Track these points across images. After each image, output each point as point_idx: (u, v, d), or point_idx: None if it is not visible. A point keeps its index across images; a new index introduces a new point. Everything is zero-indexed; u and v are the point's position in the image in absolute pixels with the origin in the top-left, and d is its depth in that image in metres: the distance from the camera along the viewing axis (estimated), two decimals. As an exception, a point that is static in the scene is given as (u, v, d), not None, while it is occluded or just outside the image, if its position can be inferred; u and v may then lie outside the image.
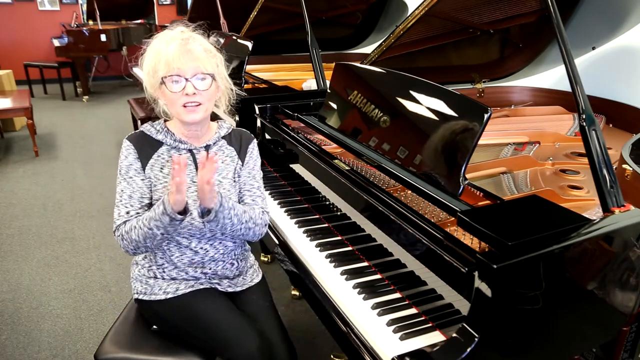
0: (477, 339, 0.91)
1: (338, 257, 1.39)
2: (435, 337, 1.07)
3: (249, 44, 2.68)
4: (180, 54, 1.22)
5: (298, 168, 1.81)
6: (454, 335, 0.94)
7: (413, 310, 1.16)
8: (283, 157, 1.92)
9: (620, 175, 1.29)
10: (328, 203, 1.60)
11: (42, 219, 3.26)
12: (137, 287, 1.40)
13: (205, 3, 3.83)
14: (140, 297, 1.38)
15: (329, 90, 1.83)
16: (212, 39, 1.37)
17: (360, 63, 1.83)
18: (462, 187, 1.20)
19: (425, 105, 1.39)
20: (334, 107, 1.78)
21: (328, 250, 1.43)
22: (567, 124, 2.02)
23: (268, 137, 2.06)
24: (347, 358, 1.19)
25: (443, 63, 2.27)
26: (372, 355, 1.06)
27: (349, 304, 1.20)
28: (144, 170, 1.33)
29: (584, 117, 1.15)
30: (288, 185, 1.88)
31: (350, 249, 1.44)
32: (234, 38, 2.90)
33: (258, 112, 2.07)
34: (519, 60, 2.28)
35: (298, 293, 2.42)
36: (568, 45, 1.20)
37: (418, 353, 0.99)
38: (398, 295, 1.22)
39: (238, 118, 2.20)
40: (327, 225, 1.58)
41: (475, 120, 1.21)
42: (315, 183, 1.68)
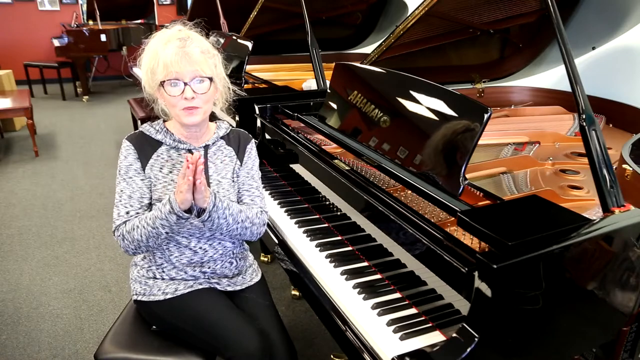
0: (477, 339, 0.91)
1: (338, 257, 1.39)
2: (435, 337, 1.07)
3: (249, 44, 2.68)
4: (179, 58, 1.22)
5: (298, 168, 1.81)
6: (454, 335, 0.94)
7: (413, 310, 1.16)
8: (283, 157, 1.92)
9: (620, 175, 1.29)
10: (328, 203, 1.60)
11: (42, 219, 3.26)
12: (136, 288, 1.40)
13: (205, 3, 3.83)
14: (140, 298, 1.38)
15: (329, 90, 1.83)
16: (212, 39, 1.37)
17: (360, 63, 1.82)
18: (462, 187, 1.20)
19: (425, 105, 1.39)
20: (334, 107, 1.78)
21: (328, 250, 1.43)
22: (567, 124, 2.02)
23: (268, 137, 2.06)
24: (347, 358, 1.19)
25: (443, 63, 2.27)
26: (372, 355, 1.06)
27: (349, 304, 1.20)
28: (144, 170, 1.33)
29: (584, 117, 1.15)
30: (288, 185, 1.88)
31: (350, 249, 1.44)
32: (234, 38, 2.89)
33: (258, 112, 2.07)
34: (519, 61, 2.28)
35: (298, 293, 2.42)
36: (568, 45, 1.20)
37: (418, 353, 0.99)
38: (398, 295, 1.22)
39: (238, 118, 2.20)
40: (327, 225, 1.58)
41: (475, 120, 1.22)
42: (315, 183, 1.68)
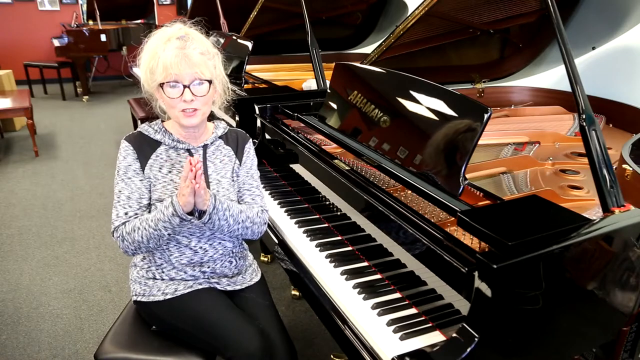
0: (477, 339, 0.91)
1: (338, 257, 1.39)
2: (435, 337, 1.07)
3: (249, 44, 2.68)
4: (178, 60, 1.22)
5: (298, 168, 1.81)
6: (454, 335, 0.94)
7: (413, 310, 1.16)
8: (283, 157, 1.92)
9: (620, 175, 1.29)
10: (328, 203, 1.60)
11: (42, 219, 3.26)
12: (135, 288, 1.40)
13: (205, 3, 3.83)
14: (139, 298, 1.38)
15: (329, 90, 1.83)
16: (212, 39, 1.37)
17: (360, 63, 1.82)
18: (462, 187, 1.20)
19: (425, 105, 1.39)
20: (334, 107, 1.78)
21: (328, 250, 1.43)
22: (567, 124, 2.02)
23: (268, 137, 2.06)
24: (347, 358, 1.19)
25: (443, 63, 2.27)
26: (372, 355, 1.06)
27: (349, 304, 1.20)
28: (143, 171, 1.33)
29: (584, 117, 1.15)
30: (288, 185, 1.88)
31: (350, 249, 1.44)
32: (234, 38, 2.90)
33: (258, 112, 2.07)
34: (519, 61, 2.28)
35: (298, 293, 2.42)
36: (568, 45, 1.20)
37: (418, 353, 0.99)
38: (398, 295, 1.22)
39: (238, 118, 2.20)
40: (327, 225, 1.58)
41: (475, 120, 1.22)
42: (315, 183, 1.68)
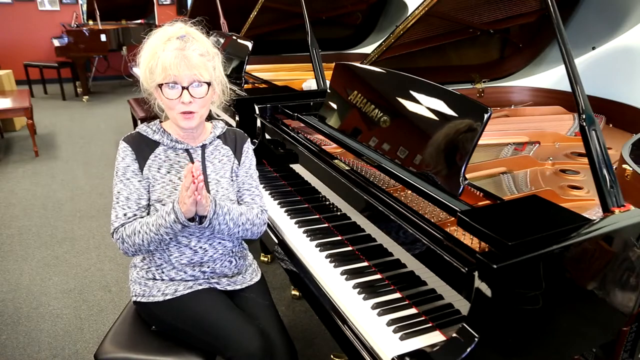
0: (477, 339, 0.91)
1: (338, 257, 1.39)
2: (435, 337, 1.07)
3: (249, 44, 2.68)
4: (178, 61, 1.22)
5: (298, 168, 1.81)
6: (454, 335, 0.94)
7: (413, 310, 1.16)
8: (283, 157, 1.92)
9: (620, 175, 1.29)
10: (328, 203, 1.59)
11: (42, 219, 3.26)
12: (135, 289, 1.40)
13: (205, 3, 3.83)
14: (139, 299, 1.38)
15: (329, 90, 1.83)
16: (212, 39, 1.37)
17: (360, 63, 1.82)
18: (462, 187, 1.20)
19: (425, 105, 1.39)
20: (334, 107, 1.78)
21: (328, 250, 1.43)
22: (567, 124, 2.02)
23: (268, 137, 2.06)
24: (347, 358, 1.19)
25: (443, 63, 2.27)
26: (372, 355, 1.06)
27: (349, 304, 1.20)
28: (142, 171, 1.33)
29: (584, 117, 1.15)
30: (288, 185, 1.88)
31: (350, 249, 1.44)
32: (234, 38, 2.90)
33: (258, 112, 2.07)
34: (519, 61, 2.28)
35: (298, 293, 2.42)
36: (568, 45, 1.20)
37: (418, 353, 0.99)
38: (398, 295, 1.22)
39: (238, 118, 2.20)
40: (327, 225, 1.58)
41: (476, 120, 1.22)
42: (315, 183, 1.68)
